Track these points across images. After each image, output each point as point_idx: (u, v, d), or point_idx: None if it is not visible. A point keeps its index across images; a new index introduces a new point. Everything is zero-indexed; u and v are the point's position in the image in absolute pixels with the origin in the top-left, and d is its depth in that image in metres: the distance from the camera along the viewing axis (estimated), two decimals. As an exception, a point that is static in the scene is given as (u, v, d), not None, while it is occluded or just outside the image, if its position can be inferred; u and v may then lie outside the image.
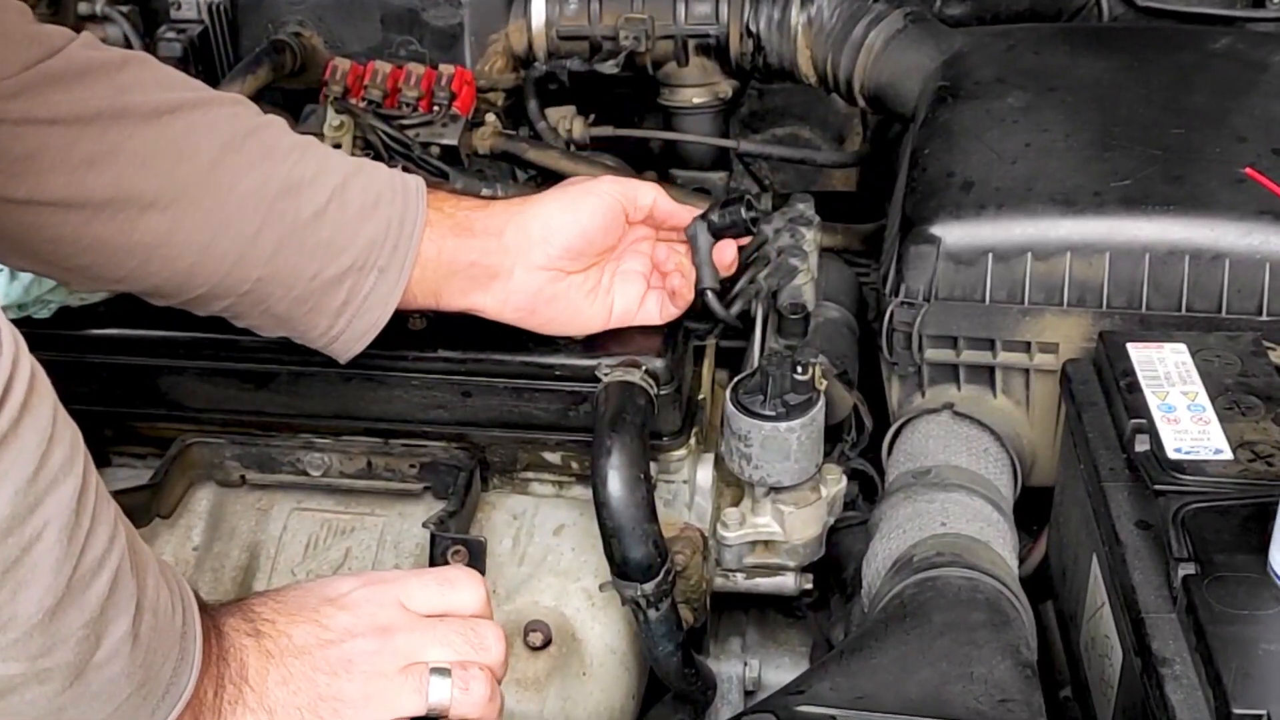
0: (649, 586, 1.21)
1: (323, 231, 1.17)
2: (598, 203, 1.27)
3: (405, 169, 1.45)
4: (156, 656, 0.87)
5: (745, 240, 1.35)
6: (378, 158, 1.48)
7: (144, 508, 1.29)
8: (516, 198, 1.32)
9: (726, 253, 1.32)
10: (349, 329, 1.21)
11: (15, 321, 1.25)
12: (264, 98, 1.57)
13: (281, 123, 1.22)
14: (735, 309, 1.38)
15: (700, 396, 1.38)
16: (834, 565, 1.41)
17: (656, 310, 1.31)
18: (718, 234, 1.31)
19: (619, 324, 1.30)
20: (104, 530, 0.83)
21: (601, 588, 1.28)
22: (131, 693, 0.85)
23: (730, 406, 1.28)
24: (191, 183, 1.14)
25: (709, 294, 1.30)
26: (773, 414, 1.26)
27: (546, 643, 1.27)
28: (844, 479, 1.36)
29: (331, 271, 1.18)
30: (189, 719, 0.89)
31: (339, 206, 1.18)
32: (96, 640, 0.82)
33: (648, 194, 1.31)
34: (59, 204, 1.10)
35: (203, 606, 0.94)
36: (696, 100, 1.78)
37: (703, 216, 1.31)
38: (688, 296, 1.31)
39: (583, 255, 1.26)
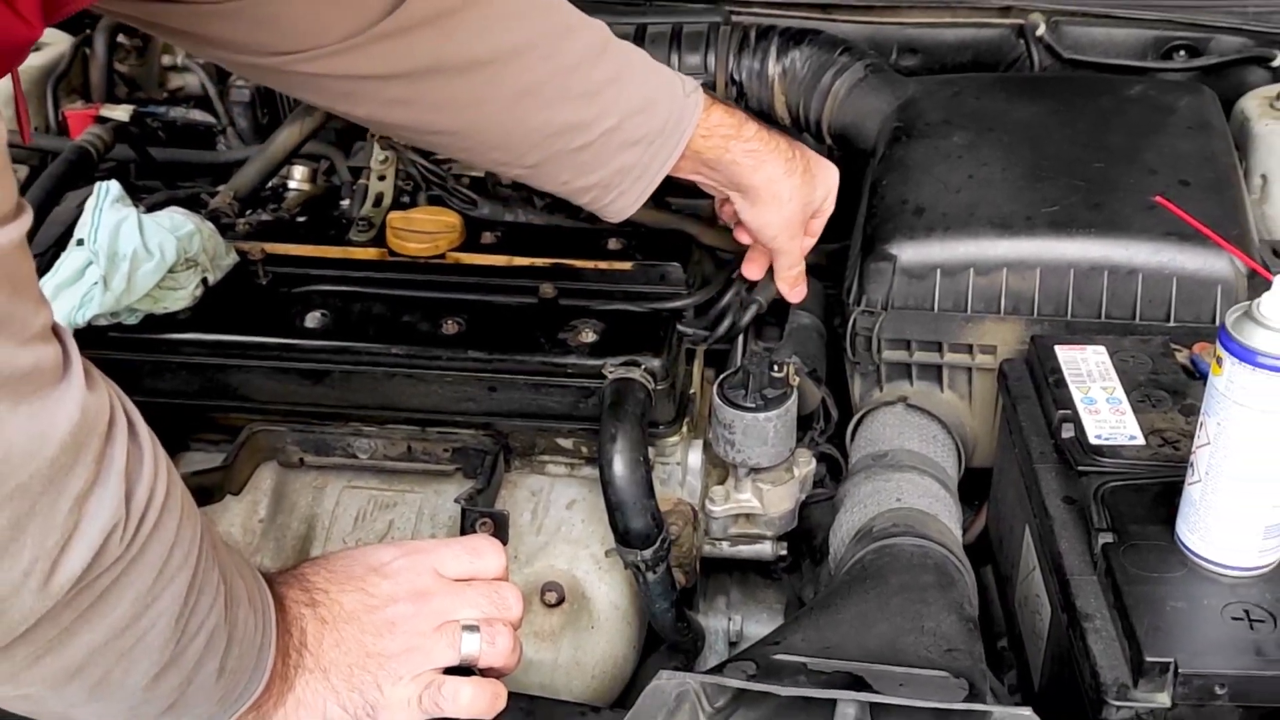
0: (648, 553, 1.21)
1: (583, 155, 1.21)
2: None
3: (439, 196, 1.45)
4: (239, 676, 0.87)
5: None
6: (416, 189, 1.47)
7: (218, 486, 1.29)
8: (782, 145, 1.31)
9: None
10: (598, 210, 1.29)
11: (107, 327, 1.27)
12: (318, 136, 1.57)
13: (588, 59, 1.19)
14: (724, 325, 1.38)
15: (691, 391, 1.38)
16: (805, 535, 1.41)
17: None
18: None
19: None
20: (207, 598, 0.82)
21: (607, 554, 1.28)
22: (213, 705, 0.87)
23: (716, 399, 1.28)
24: (480, 121, 1.20)
25: None
26: (753, 406, 1.26)
27: (560, 601, 1.27)
28: (813, 461, 1.36)
29: (580, 183, 1.25)
30: (264, 693, 0.90)
31: (604, 143, 1.21)
32: (188, 684, 0.83)
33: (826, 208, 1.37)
34: (362, 118, 1.22)
35: (266, 581, 0.94)
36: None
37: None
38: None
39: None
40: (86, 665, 0.76)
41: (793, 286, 1.39)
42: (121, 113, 1.69)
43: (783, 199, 1.31)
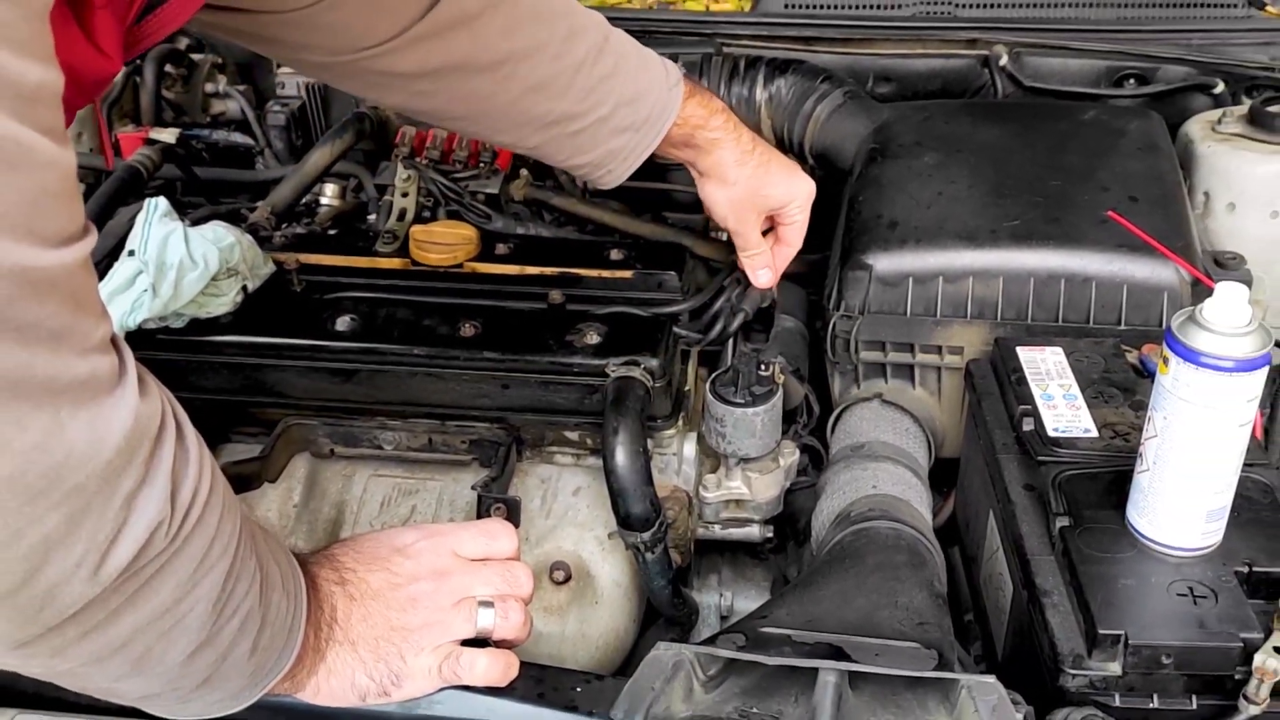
0: (647, 535, 1.21)
1: (578, 139, 1.24)
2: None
3: (457, 212, 1.45)
4: (271, 653, 0.87)
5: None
6: (436, 205, 1.47)
7: (256, 475, 1.29)
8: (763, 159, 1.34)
9: None
10: (592, 180, 1.32)
11: (156, 330, 1.27)
12: (347, 157, 1.57)
13: (589, 59, 1.21)
14: (716, 329, 1.38)
15: (686, 388, 1.38)
16: (789, 519, 1.41)
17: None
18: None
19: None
20: (244, 584, 0.82)
21: (610, 536, 1.28)
22: (245, 679, 0.86)
23: (709, 396, 1.28)
24: (492, 110, 1.22)
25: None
26: (742, 402, 1.26)
27: (567, 578, 1.27)
28: (797, 452, 1.36)
29: (575, 161, 1.28)
30: (298, 664, 0.90)
31: (596, 129, 1.23)
32: (223, 660, 0.83)
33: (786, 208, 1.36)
34: (392, 105, 1.28)
35: (300, 562, 0.94)
36: (683, 158, 1.77)
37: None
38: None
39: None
40: (129, 643, 0.76)
41: (754, 272, 1.36)
42: (169, 135, 1.69)
43: (729, 181, 1.32)
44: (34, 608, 0.69)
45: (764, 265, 1.36)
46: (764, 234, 1.37)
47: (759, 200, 1.34)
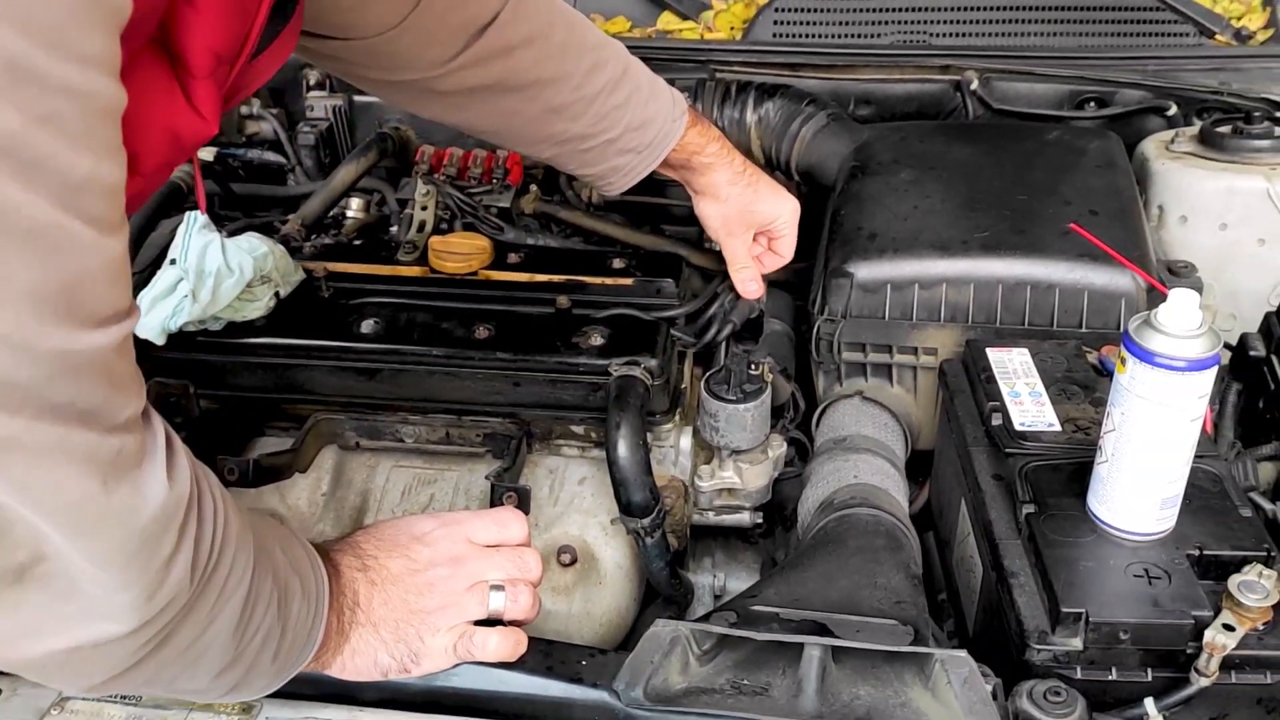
0: (646, 521, 1.21)
1: (587, 155, 1.28)
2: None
3: (472, 224, 1.45)
4: (293, 653, 0.87)
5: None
6: (453, 217, 1.47)
7: (287, 465, 1.29)
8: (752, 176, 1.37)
9: None
10: (597, 187, 1.38)
11: (195, 333, 1.27)
12: (371, 174, 1.57)
13: (606, 89, 1.24)
14: (710, 333, 1.38)
15: (683, 386, 1.38)
16: (777, 506, 1.41)
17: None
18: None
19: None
20: (261, 607, 0.82)
21: (613, 522, 1.28)
22: (270, 678, 0.87)
23: (704, 393, 1.28)
24: (515, 125, 1.25)
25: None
26: (734, 398, 1.26)
27: (573, 561, 1.26)
28: (784, 444, 1.36)
29: (582, 171, 1.33)
30: (322, 649, 0.90)
31: (604, 148, 1.27)
32: (248, 670, 0.83)
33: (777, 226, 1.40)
34: (426, 116, 1.29)
35: (325, 553, 0.94)
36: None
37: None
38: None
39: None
40: (154, 679, 0.77)
41: (742, 286, 1.39)
42: (207, 154, 1.69)
43: (721, 199, 1.36)
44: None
45: (751, 278, 1.39)
46: (756, 250, 1.40)
47: (748, 216, 1.37)
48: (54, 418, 0.63)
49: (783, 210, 1.38)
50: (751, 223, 1.38)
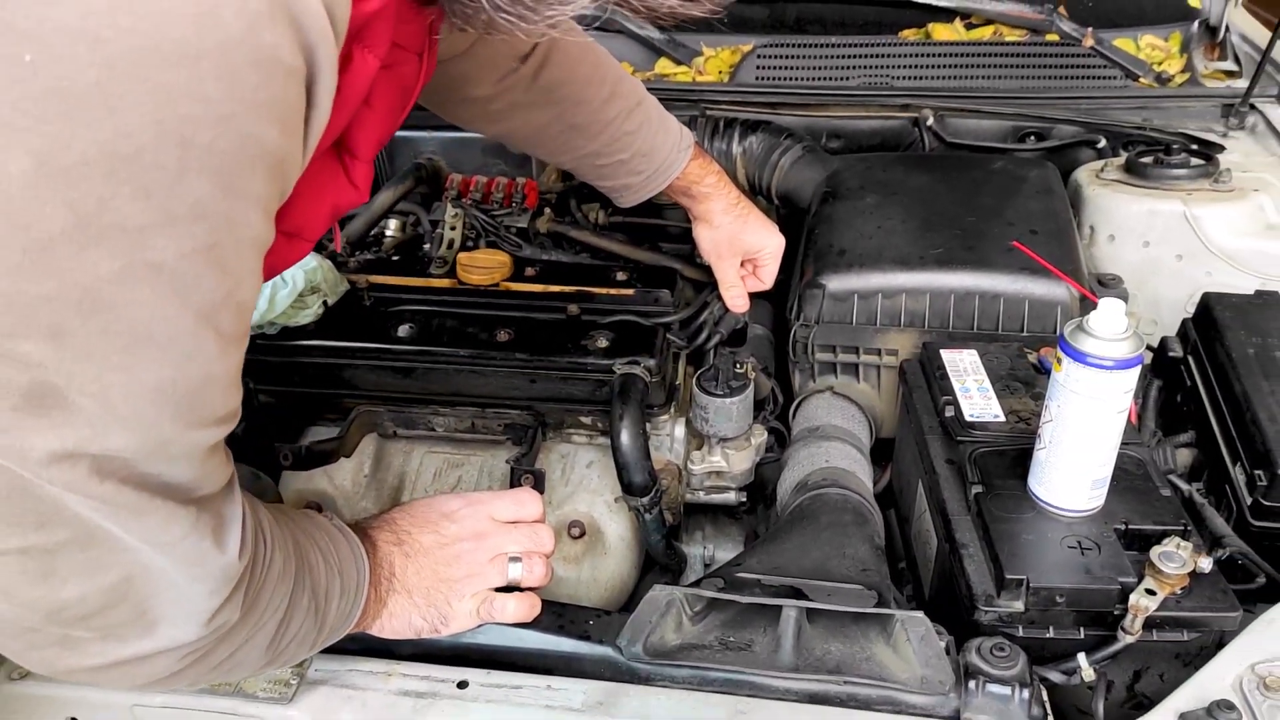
0: (645, 499, 1.21)
1: (602, 169, 1.32)
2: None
3: (495, 242, 1.45)
4: (332, 637, 0.87)
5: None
6: (478, 236, 1.47)
7: (334, 451, 1.29)
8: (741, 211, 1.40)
9: None
10: (611, 197, 1.38)
11: (255, 336, 1.27)
12: (407, 198, 1.57)
13: (621, 116, 1.26)
14: (701, 337, 1.38)
15: (677, 383, 1.38)
16: (759, 486, 1.41)
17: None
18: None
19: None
20: (298, 619, 0.81)
21: (616, 500, 1.28)
22: (306, 654, 0.87)
23: (695, 389, 1.28)
24: (538, 138, 1.27)
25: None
26: (722, 393, 1.26)
27: (582, 534, 1.27)
28: (765, 433, 1.35)
29: (597, 183, 1.36)
30: (361, 618, 0.90)
31: (616, 166, 1.30)
32: (287, 661, 0.84)
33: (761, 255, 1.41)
34: (463, 123, 1.26)
35: (364, 530, 0.94)
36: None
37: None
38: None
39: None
40: (195, 680, 0.76)
41: (731, 302, 1.41)
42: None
43: (714, 225, 1.39)
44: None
45: (738, 296, 1.41)
46: (742, 273, 1.42)
47: (736, 243, 1.39)
48: (138, 486, 0.62)
49: (768, 243, 1.41)
50: (739, 249, 1.40)
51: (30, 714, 0.92)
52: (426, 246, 1.49)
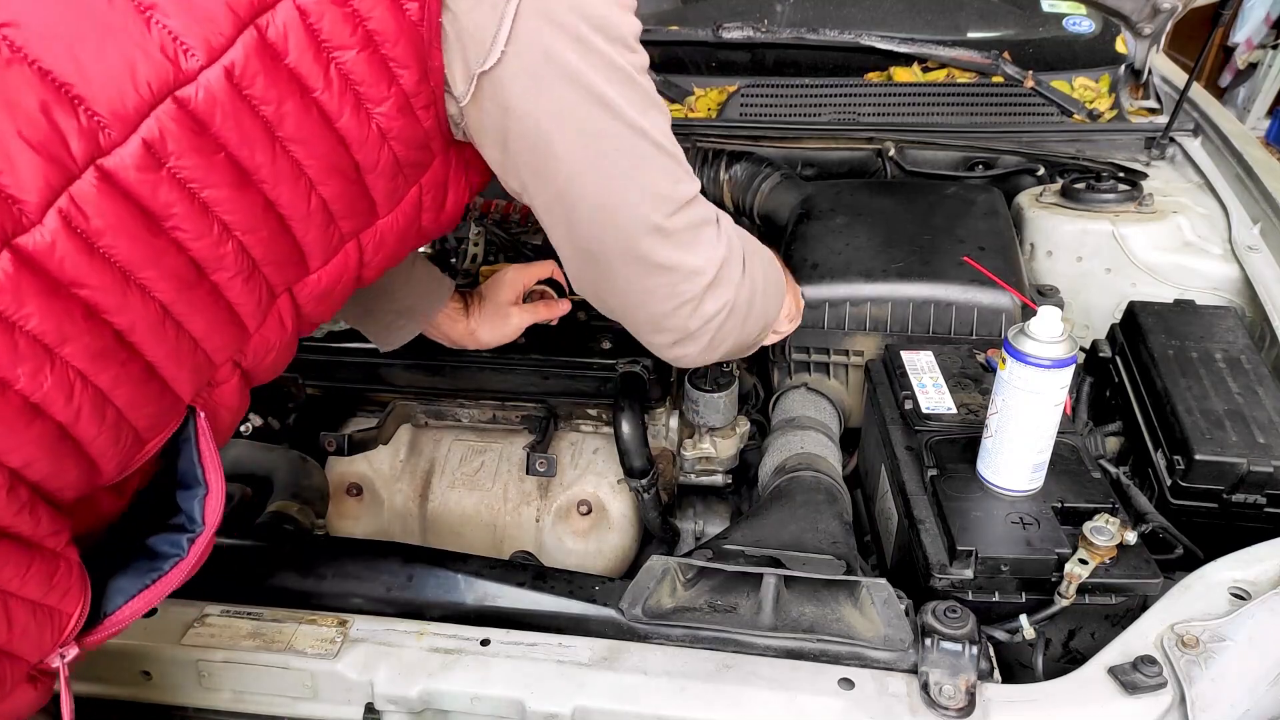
0: (644, 481, 1.21)
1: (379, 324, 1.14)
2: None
3: (513, 256, 1.45)
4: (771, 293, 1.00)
5: None
6: (499, 251, 1.47)
7: (373, 439, 1.28)
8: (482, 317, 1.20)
9: None
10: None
11: (301, 340, 1.25)
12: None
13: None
14: None
15: (672, 379, 1.38)
16: (743, 470, 1.41)
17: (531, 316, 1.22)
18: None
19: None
20: (757, 273, 0.96)
21: (619, 482, 1.28)
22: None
23: (688, 385, 1.27)
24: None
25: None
26: (710, 389, 1.26)
27: (589, 511, 1.27)
28: (748, 424, 1.35)
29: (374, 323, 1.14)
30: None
31: (390, 320, 1.13)
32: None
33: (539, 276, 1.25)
34: None
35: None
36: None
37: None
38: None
39: None
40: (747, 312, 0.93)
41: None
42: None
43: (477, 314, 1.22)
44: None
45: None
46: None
47: (506, 292, 1.22)
48: (668, 242, 0.86)
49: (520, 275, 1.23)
50: (515, 291, 1.22)
51: (107, 668, 0.93)
52: (453, 261, 1.49)
